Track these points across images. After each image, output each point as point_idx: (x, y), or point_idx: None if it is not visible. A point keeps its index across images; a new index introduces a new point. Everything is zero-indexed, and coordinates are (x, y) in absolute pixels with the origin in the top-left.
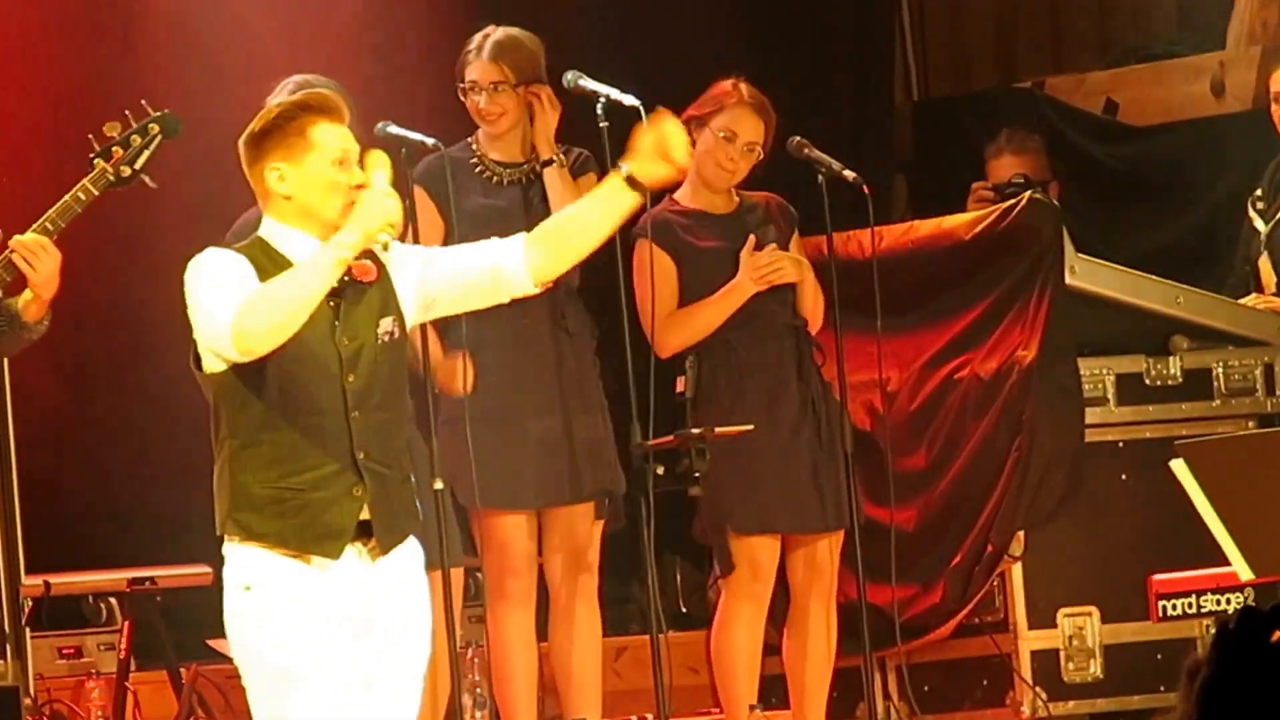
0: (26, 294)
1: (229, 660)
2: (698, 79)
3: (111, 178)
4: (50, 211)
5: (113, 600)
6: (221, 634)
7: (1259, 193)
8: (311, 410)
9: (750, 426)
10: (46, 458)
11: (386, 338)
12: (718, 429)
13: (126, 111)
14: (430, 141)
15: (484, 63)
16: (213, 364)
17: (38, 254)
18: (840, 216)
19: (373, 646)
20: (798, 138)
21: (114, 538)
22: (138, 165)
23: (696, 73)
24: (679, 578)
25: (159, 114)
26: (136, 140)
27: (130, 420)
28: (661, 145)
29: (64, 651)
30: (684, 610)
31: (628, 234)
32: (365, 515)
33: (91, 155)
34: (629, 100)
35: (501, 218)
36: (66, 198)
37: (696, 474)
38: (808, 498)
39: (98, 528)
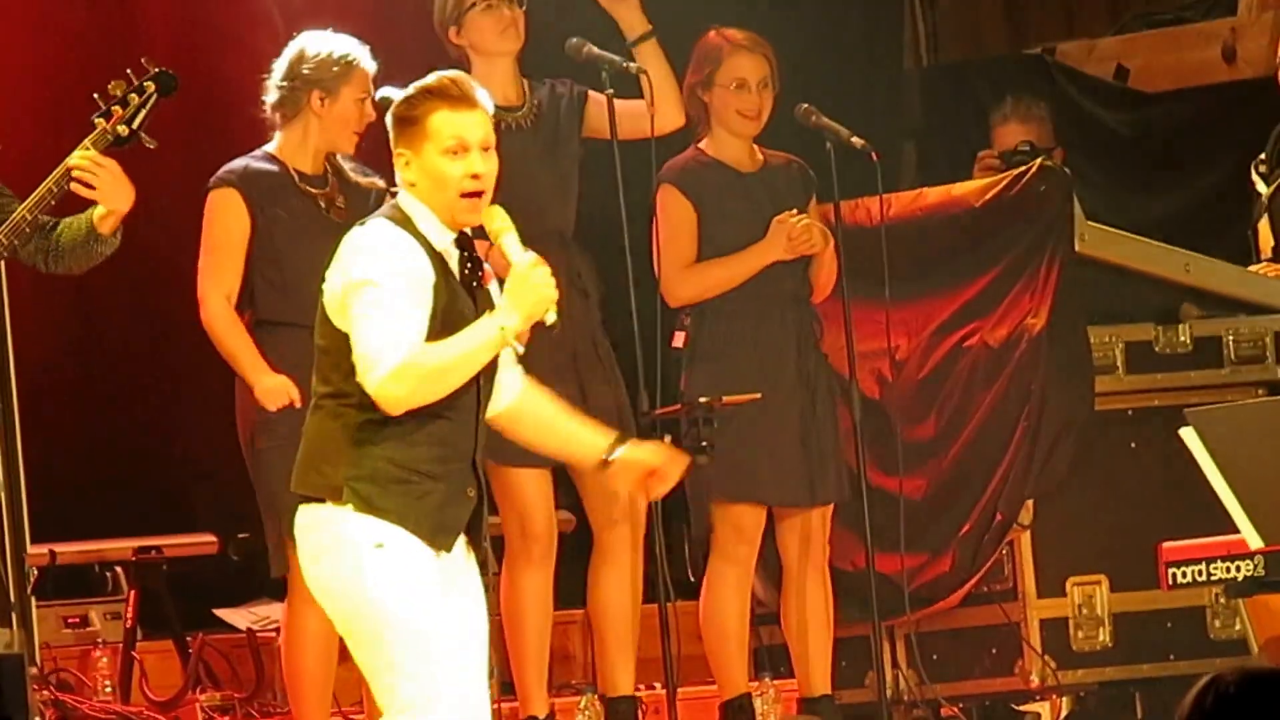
0: (99, 208)
1: (235, 629)
2: None
3: (110, 137)
4: (55, 172)
5: (119, 569)
6: (227, 603)
7: (1262, 156)
8: (456, 408)
9: (758, 395)
10: (52, 426)
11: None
12: (725, 398)
13: (129, 70)
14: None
15: None
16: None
17: (94, 171)
18: (849, 183)
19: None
20: (806, 105)
21: (120, 507)
22: (135, 124)
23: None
24: (686, 547)
25: (155, 72)
26: (134, 99)
27: (137, 389)
28: (651, 479)
29: (70, 621)
30: (691, 579)
31: (632, 200)
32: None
33: (94, 115)
34: (634, 67)
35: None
36: (67, 160)
37: (705, 442)
38: (794, 471)
39: (104, 497)
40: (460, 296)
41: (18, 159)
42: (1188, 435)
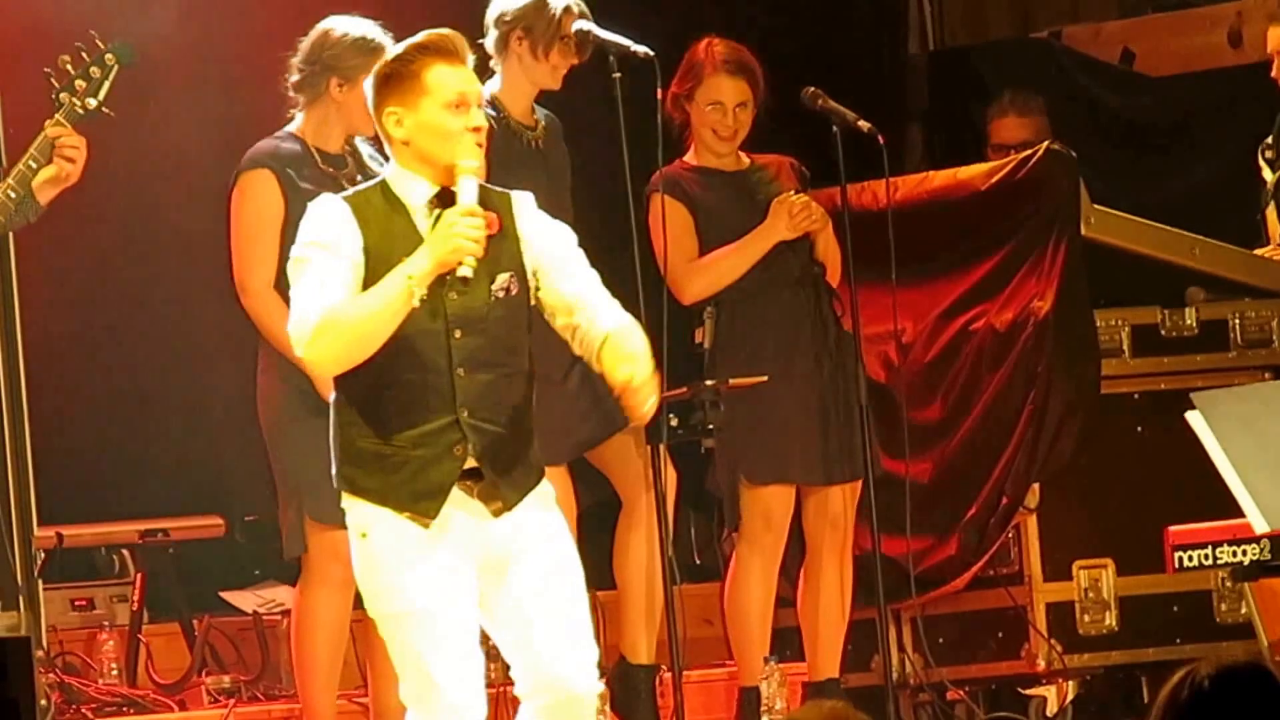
0: (41, 176)
1: (242, 612)
2: (712, 28)
3: (80, 110)
4: (33, 147)
5: (125, 552)
6: (233, 586)
7: (1269, 140)
8: (416, 366)
9: (764, 378)
10: (59, 409)
11: (501, 293)
12: (732, 380)
13: (78, 44)
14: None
15: None
16: None
17: (80, 149)
18: (855, 167)
19: (513, 592)
20: (812, 88)
21: (127, 489)
22: (100, 96)
23: (710, 21)
24: (693, 530)
25: (114, 44)
26: (96, 72)
27: (145, 371)
28: (625, 393)
29: (76, 603)
30: (698, 562)
31: (638, 181)
32: (473, 470)
33: (53, 92)
34: (642, 50)
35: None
36: (40, 137)
37: (711, 425)
38: (819, 448)
39: (110, 479)
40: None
41: (18, 118)
42: (1194, 419)
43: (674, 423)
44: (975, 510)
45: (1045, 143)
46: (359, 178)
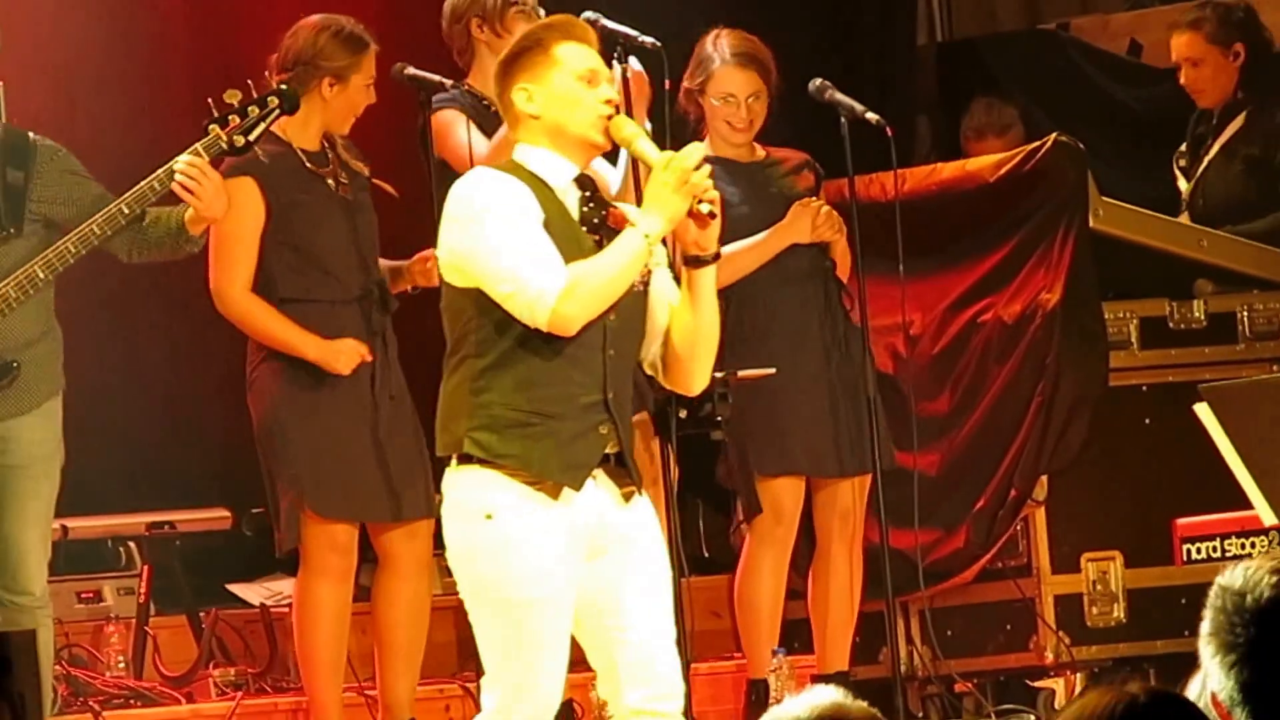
0: (190, 210)
1: (249, 605)
2: (719, 18)
3: (224, 145)
4: (158, 171)
5: (132, 544)
6: (240, 578)
7: (1182, 149)
8: (572, 341)
9: (773, 370)
10: (66, 402)
11: (640, 285)
12: (740, 372)
13: (249, 81)
14: (448, 83)
15: None
16: (465, 279)
17: (199, 180)
18: (863, 159)
19: (610, 574)
20: (820, 80)
21: (133, 482)
22: (252, 137)
23: (718, 11)
24: (701, 522)
25: (280, 88)
26: (254, 111)
27: (151, 363)
28: (684, 222)
29: (83, 596)
30: (706, 555)
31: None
32: (612, 453)
33: (206, 121)
34: (649, 41)
35: None
36: (174, 161)
37: (719, 417)
38: (829, 440)
39: (116, 472)
40: (577, 236)
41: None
42: (1202, 411)
43: (682, 415)
44: (984, 502)
45: (1054, 135)
46: (341, 173)
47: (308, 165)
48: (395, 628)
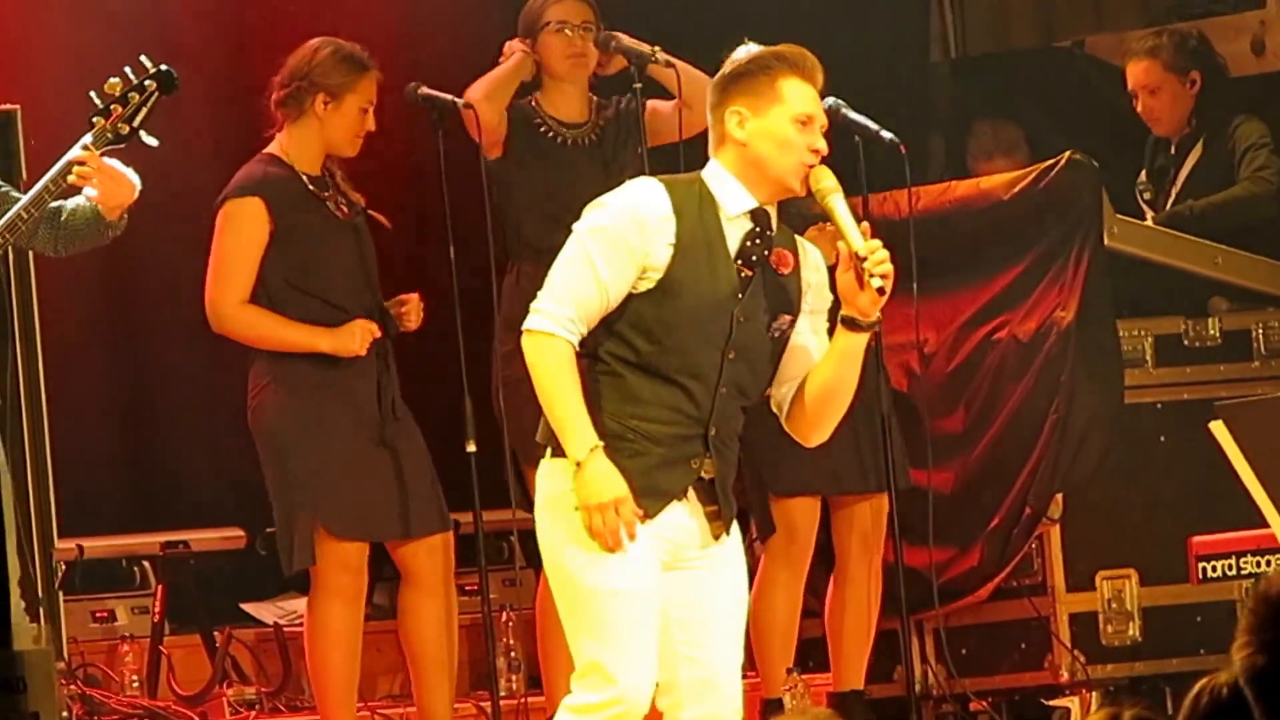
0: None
1: (263, 624)
2: (736, 36)
3: (110, 135)
4: (52, 171)
5: (146, 564)
6: (254, 597)
7: (1143, 179)
8: (685, 368)
9: None
10: (80, 421)
11: (776, 333)
12: None
13: (127, 68)
14: (461, 103)
15: (573, 2)
16: None
17: (91, 172)
18: (877, 177)
19: (690, 596)
20: (834, 99)
21: (147, 501)
22: (136, 122)
23: (734, 30)
24: None
25: (156, 70)
26: (134, 97)
27: (165, 384)
28: (851, 285)
29: (97, 615)
30: None
31: None
32: (708, 490)
33: (90, 114)
34: (662, 59)
35: (568, 182)
36: (66, 157)
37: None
38: (846, 459)
39: (131, 491)
40: (718, 265)
41: (49, 142)
42: (1217, 428)
43: None
44: (998, 521)
45: (1067, 152)
46: (340, 199)
47: (310, 188)
48: (426, 642)
